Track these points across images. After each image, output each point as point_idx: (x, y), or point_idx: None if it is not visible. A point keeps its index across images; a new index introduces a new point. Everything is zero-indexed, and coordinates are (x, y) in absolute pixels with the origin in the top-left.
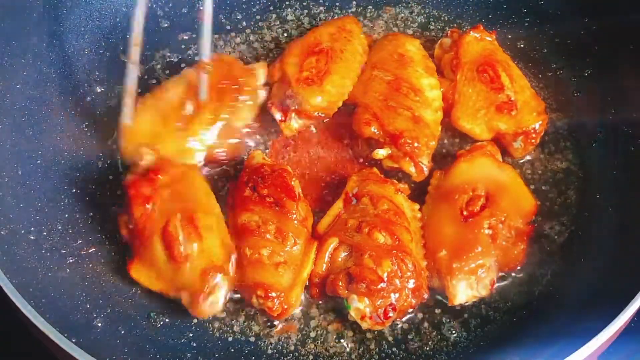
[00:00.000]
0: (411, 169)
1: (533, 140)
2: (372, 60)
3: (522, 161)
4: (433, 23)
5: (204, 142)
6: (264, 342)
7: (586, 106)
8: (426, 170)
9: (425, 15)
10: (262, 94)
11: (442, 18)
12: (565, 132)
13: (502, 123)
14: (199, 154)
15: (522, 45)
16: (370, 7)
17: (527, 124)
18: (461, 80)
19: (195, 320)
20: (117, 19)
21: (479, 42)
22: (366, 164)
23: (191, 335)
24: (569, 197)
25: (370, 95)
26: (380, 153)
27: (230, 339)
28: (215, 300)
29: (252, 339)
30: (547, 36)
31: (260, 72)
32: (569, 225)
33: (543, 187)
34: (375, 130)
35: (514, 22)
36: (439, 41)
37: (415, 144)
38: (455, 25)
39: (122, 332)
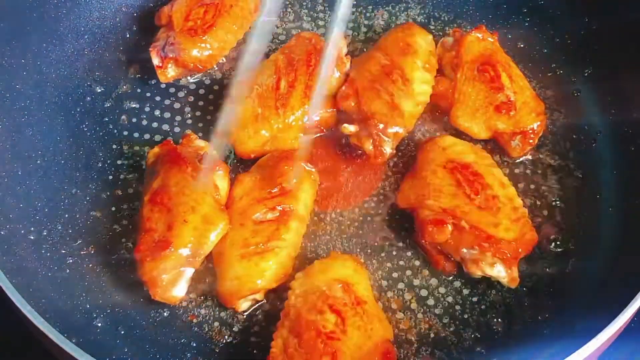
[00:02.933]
0: (370, 150)
1: (531, 141)
2: (380, 43)
3: (521, 160)
4: (433, 23)
5: (303, 116)
6: (265, 342)
7: (586, 106)
8: (386, 156)
9: (425, 15)
10: (347, 63)
11: (442, 18)
12: (565, 132)
13: (500, 122)
14: (301, 127)
15: (522, 45)
16: (370, 6)
17: (525, 124)
18: (461, 79)
19: (195, 321)
20: (117, 19)
21: (481, 42)
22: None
23: (191, 335)
24: (569, 197)
25: (361, 73)
26: (349, 128)
27: (230, 339)
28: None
29: (253, 339)
30: (547, 36)
31: (342, 43)
32: (569, 225)
33: (542, 187)
34: (352, 103)
35: (514, 21)
36: (441, 40)
37: (381, 127)
38: (455, 25)
39: (122, 332)
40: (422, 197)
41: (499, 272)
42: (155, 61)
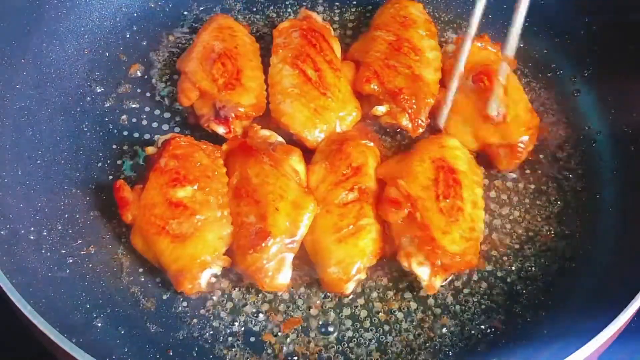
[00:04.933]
0: (408, 125)
1: (519, 154)
2: (375, 22)
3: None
4: (433, 23)
5: (344, 84)
6: (266, 341)
7: (586, 106)
8: (424, 127)
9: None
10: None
11: (442, 18)
12: (566, 133)
13: (488, 133)
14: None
15: (521, 45)
16: (369, 6)
17: (513, 137)
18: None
19: (195, 320)
20: (117, 19)
21: (481, 51)
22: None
23: (192, 335)
24: (569, 197)
25: (372, 55)
26: (380, 110)
27: (230, 338)
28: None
29: (253, 339)
30: (547, 36)
31: (329, 26)
32: (569, 225)
33: (542, 187)
34: (375, 87)
35: None
36: (443, 48)
37: (414, 101)
38: (455, 25)
39: (122, 332)
40: (398, 176)
41: (422, 273)
42: (221, 130)
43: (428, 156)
